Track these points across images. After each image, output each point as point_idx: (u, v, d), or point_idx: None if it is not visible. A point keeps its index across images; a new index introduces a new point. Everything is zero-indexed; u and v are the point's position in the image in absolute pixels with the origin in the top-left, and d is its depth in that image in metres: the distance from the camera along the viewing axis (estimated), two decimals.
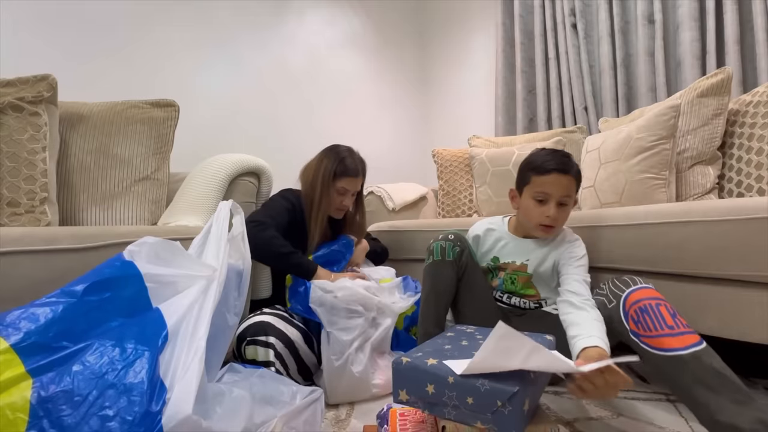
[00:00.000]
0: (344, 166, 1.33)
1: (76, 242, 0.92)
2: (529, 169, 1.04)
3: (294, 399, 0.74)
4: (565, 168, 0.99)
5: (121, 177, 1.36)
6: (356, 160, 1.37)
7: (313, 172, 1.35)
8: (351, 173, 1.34)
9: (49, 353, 0.55)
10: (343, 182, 1.33)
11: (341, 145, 1.40)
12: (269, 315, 1.09)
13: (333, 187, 1.33)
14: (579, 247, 1.07)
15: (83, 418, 0.50)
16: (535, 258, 1.09)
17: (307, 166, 1.39)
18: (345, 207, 1.38)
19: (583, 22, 2.18)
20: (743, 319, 0.89)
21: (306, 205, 1.34)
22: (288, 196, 1.36)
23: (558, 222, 1.02)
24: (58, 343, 0.57)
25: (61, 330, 0.58)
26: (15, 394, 0.50)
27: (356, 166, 1.36)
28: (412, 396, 0.68)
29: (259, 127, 2.45)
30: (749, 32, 1.69)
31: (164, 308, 0.66)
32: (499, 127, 2.51)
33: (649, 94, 1.94)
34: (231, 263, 0.80)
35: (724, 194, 1.35)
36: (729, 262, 0.89)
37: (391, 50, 3.09)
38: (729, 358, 0.73)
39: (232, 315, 0.79)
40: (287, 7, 2.60)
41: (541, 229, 1.04)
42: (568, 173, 0.99)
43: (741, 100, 1.38)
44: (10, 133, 1.15)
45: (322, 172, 1.33)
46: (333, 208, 1.35)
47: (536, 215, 1.03)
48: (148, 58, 2.08)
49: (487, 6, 2.72)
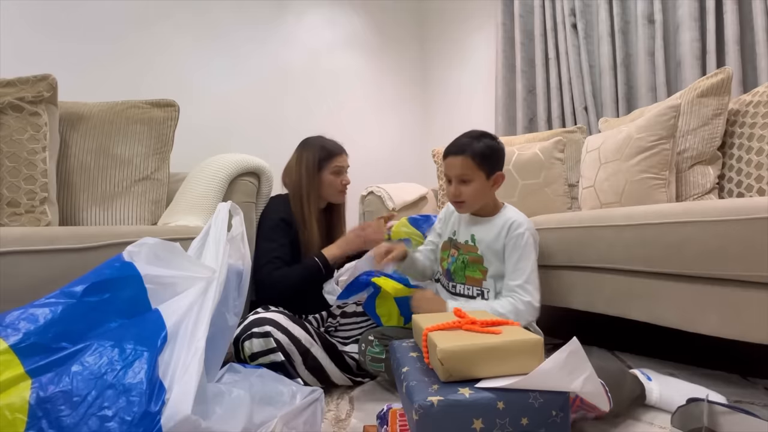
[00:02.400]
0: (326, 149, 1.37)
1: (76, 242, 0.92)
2: None
3: (294, 399, 0.74)
4: (456, 151, 1.07)
5: (121, 177, 1.36)
6: (332, 141, 1.42)
7: (295, 169, 1.37)
8: (336, 152, 1.38)
9: (48, 354, 0.55)
10: (334, 162, 1.36)
11: (310, 136, 1.44)
12: (265, 312, 1.09)
13: (325, 171, 1.35)
14: (521, 238, 1.05)
15: (82, 418, 0.50)
16: (481, 236, 1.11)
17: (287, 167, 1.41)
18: (345, 186, 1.41)
19: (583, 22, 2.17)
20: (743, 319, 0.89)
21: (295, 205, 1.35)
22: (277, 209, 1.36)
23: (462, 197, 1.07)
24: (57, 344, 0.57)
25: (60, 331, 0.58)
26: (14, 394, 0.50)
27: (337, 145, 1.41)
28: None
29: (259, 127, 2.44)
30: (749, 32, 1.69)
31: (163, 309, 0.66)
32: (499, 127, 2.51)
33: (649, 94, 1.94)
34: (231, 263, 0.80)
35: (724, 194, 1.35)
36: (729, 262, 0.89)
37: (391, 50, 3.08)
38: (729, 358, 0.73)
39: (231, 315, 0.79)
40: (287, 7, 2.60)
41: (454, 206, 1.13)
42: (459, 155, 1.06)
43: (741, 100, 1.38)
44: (10, 133, 1.15)
45: (305, 164, 1.35)
46: (335, 191, 1.38)
47: (448, 195, 1.11)
48: (148, 58, 2.08)
49: (487, 6, 2.71)
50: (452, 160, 1.07)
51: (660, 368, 1.12)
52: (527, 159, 1.74)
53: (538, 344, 0.62)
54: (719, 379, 1.05)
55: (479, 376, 0.60)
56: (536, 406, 0.56)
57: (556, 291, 1.35)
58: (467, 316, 0.73)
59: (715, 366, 1.11)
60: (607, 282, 1.18)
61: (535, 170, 1.72)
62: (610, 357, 1.28)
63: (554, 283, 1.35)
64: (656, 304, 1.06)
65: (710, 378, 1.05)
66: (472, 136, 1.08)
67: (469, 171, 1.06)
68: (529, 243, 1.05)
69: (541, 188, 1.72)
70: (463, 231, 1.15)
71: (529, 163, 1.73)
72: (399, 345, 0.82)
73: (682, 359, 1.17)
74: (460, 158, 1.06)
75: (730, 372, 1.08)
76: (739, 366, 1.10)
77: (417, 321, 0.76)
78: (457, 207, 1.12)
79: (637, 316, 1.11)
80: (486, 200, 1.11)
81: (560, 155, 1.75)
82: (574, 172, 1.85)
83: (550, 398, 0.57)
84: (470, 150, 1.06)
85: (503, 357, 0.61)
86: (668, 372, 1.08)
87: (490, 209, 1.12)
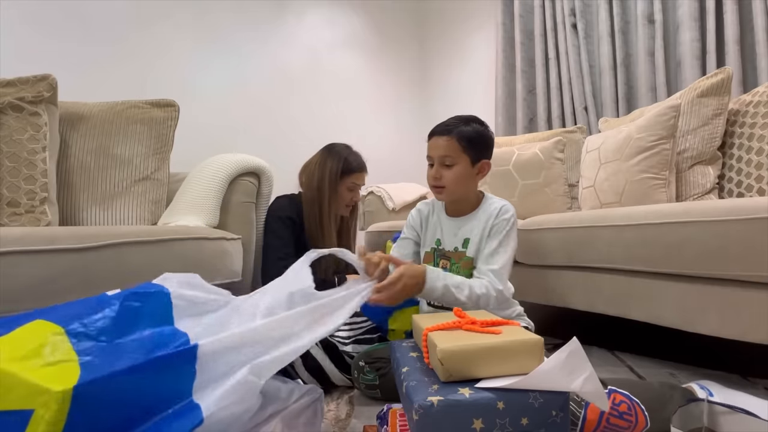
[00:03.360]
0: (349, 163, 1.36)
1: (76, 242, 0.92)
2: None
3: (294, 398, 0.74)
4: (441, 131, 1.01)
5: (121, 177, 1.36)
6: (357, 155, 1.40)
7: (318, 174, 1.36)
8: (357, 169, 1.37)
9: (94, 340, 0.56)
10: (352, 178, 1.36)
11: (337, 143, 1.42)
12: None
13: (342, 185, 1.35)
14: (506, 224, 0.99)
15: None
16: (469, 235, 1.03)
17: (308, 168, 1.39)
18: (354, 202, 1.41)
19: (583, 22, 2.18)
20: (743, 319, 0.89)
21: (311, 208, 1.34)
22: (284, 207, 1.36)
23: (443, 180, 1.00)
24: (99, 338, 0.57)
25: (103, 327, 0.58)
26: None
27: (360, 161, 1.39)
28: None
29: (259, 126, 2.45)
30: (749, 32, 1.69)
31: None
32: (499, 127, 2.51)
33: (649, 94, 1.94)
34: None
35: (724, 194, 1.35)
36: (729, 262, 0.89)
37: (390, 50, 3.08)
38: (729, 358, 0.73)
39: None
40: (287, 7, 2.60)
41: (433, 191, 1.05)
42: (444, 135, 1.00)
43: (741, 100, 1.38)
44: (10, 133, 1.15)
45: (328, 173, 1.34)
46: (343, 205, 1.37)
47: (428, 178, 1.05)
48: (148, 58, 2.08)
49: (487, 6, 2.71)
50: (437, 140, 1.02)
51: (660, 368, 1.12)
52: (527, 159, 1.74)
53: (538, 344, 0.62)
54: (719, 379, 1.04)
55: (479, 376, 0.60)
56: (536, 406, 0.56)
57: (556, 291, 1.35)
58: (467, 316, 0.73)
59: (715, 366, 1.11)
60: (607, 282, 1.18)
61: (535, 170, 1.72)
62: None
63: (554, 283, 1.35)
64: (656, 304, 1.06)
65: (710, 378, 1.05)
66: (461, 119, 1.03)
67: (453, 153, 1.00)
68: (513, 230, 1.00)
69: (541, 188, 1.72)
70: (449, 237, 1.06)
71: (529, 163, 1.73)
72: (399, 345, 0.82)
73: (682, 359, 1.16)
74: (444, 138, 1.00)
75: (730, 372, 1.08)
76: (739, 366, 1.10)
77: (417, 321, 0.76)
78: (436, 192, 1.04)
79: (637, 316, 1.11)
80: (467, 190, 1.04)
81: (560, 155, 1.75)
82: (574, 172, 1.85)
83: (550, 398, 0.57)
84: (457, 132, 1.00)
85: (503, 357, 0.61)
86: (668, 372, 1.08)
87: (472, 203, 1.05)
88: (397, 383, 0.74)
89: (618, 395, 0.72)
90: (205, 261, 1.16)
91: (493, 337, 0.63)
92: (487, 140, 1.03)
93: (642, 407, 0.72)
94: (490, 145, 1.04)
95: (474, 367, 0.60)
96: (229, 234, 1.28)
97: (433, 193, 1.06)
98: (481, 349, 0.61)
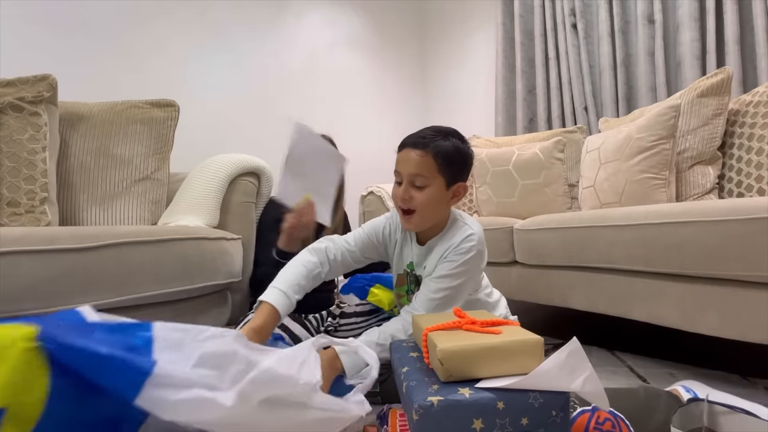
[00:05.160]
0: None
1: (76, 242, 0.92)
2: None
3: None
4: (416, 142, 0.85)
5: (121, 177, 1.36)
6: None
7: None
8: None
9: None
10: None
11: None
12: None
13: None
14: (465, 253, 0.87)
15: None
16: (428, 261, 0.91)
17: None
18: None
19: (583, 22, 2.18)
20: (743, 319, 0.89)
21: None
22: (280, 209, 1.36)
23: (413, 203, 0.85)
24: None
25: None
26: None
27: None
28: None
29: (259, 127, 2.44)
30: (749, 32, 1.69)
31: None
32: (499, 127, 2.51)
33: (649, 94, 1.94)
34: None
35: (724, 194, 1.35)
36: (729, 262, 0.89)
37: (391, 50, 3.08)
38: (729, 358, 0.73)
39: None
40: (287, 6, 2.60)
41: (399, 214, 0.89)
42: (419, 148, 0.84)
43: (741, 100, 1.38)
44: (10, 133, 1.15)
45: None
46: None
47: (395, 198, 0.89)
48: (148, 58, 2.08)
49: (487, 6, 2.71)
50: (409, 153, 0.86)
51: (660, 368, 1.12)
52: (527, 159, 1.74)
53: (538, 344, 0.62)
54: (719, 379, 1.05)
55: (479, 376, 0.60)
56: (536, 406, 0.56)
57: (556, 291, 1.35)
58: (467, 316, 0.73)
59: (715, 366, 1.11)
60: (607, 282, 1.18)
61: (535, 170, 1.72)
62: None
63: (554, 283, 1.35)
64: (656, 304, 1.06)
65: (710, 378, 1.05)
66: (439, 131, 0.87)
67: (426, 172, 0.84)
68: (468, 265, 0.86)
69: (541, 188, 1.72)
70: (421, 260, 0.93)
71: (529, 163, 1.73)
72: (399, 345, 0.82)
73: (682, 359, 1.17)
74: (419, 153, 0.84)
75: (730, 372, 1.08)
76: (739, 366, 1.10)
77: (417, 321, 0.76)
78: (403, 220, 0.88)
79: (638, 316, 1.11)
80: (439, 217, 0.90)
81: (560, 155, 1.75)
82: (574, 172, 1.85)
83: (550, 398, 0.57)
84: (433, 147, 0.84)
85: (503, 357, 0.61)
86: (668, 372, 1.08)
87: (439, 227, 0.91)
88: (397, 383, 0.74)
89: (602, 413, 0.72)
90: (205, 261, 1.16)
91: (493, 337, 0.63)
92: (467, 159, 0.89)
93: (627, 423, 0.72)
94: (469, 164, 0.91)
95: (474, 367, 0.60)
96: (229, 234, 1.28)
97: (400, 219, 0.91)
98: (481, 349, 0.61)
